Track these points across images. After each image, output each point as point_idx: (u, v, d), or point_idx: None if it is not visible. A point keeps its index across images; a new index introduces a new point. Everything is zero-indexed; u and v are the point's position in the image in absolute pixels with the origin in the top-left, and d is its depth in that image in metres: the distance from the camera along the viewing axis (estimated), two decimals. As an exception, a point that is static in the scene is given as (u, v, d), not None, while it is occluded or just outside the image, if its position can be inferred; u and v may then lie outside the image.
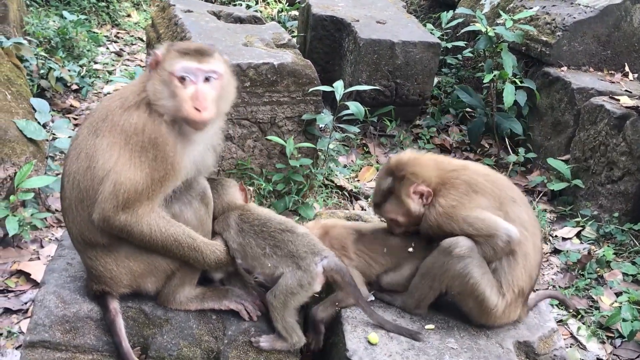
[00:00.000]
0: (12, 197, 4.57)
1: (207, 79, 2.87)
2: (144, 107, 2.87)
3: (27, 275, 4.50)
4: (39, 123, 5.04)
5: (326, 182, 5.98)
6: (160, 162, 2.82)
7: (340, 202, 5.80)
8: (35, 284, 4.43)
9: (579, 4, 6.84)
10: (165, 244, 2.90)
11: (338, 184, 6.00)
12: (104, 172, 2.82)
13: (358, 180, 6.22)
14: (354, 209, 5.77)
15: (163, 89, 2.85)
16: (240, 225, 3.14)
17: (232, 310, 3.15)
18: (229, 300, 3.15)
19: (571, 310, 4.73)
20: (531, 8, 7.00)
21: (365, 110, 5.86)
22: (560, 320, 4.63)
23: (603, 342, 4.52)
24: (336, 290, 3.19)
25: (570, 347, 4.44)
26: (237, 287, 3.23)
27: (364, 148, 6.83)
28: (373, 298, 3.36)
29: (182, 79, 2.83)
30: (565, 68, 6.62)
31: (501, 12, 6.90)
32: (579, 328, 4.60)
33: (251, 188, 5.51)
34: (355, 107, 5.74)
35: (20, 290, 4.41)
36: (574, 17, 6.62)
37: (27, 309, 4.24)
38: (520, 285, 3.16)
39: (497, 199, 3.12)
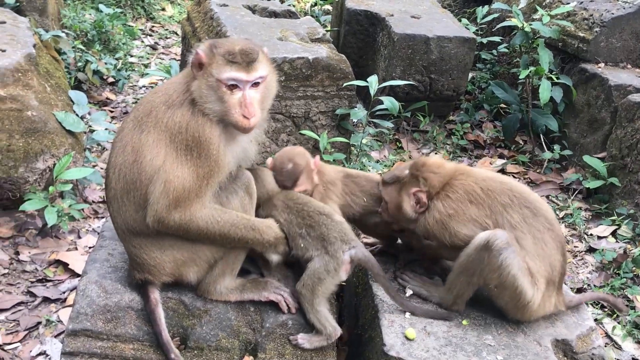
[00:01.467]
0: (51, 188, 4.65)
1: (253, 84, 2.93)
2: (187, 105, 2.91)
3: (65, 265, 4.58)
4: (77, 115, 5.10)
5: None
6: (205, 160, 2.87)
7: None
8: (73, 274, 4.50)
9: (618, 0, 6.75)
10: (223, 232, 2.95)
11: (371, 179, 5.99)
12: (152, 170, 2.87)
13: (391, 176, 6.20)
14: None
15: (210, 93, 2.89)
16: (285, 203, 3.23)
17: (271, 302, 3.17)
18: (268, 292, 3.18)
19: (606, 310, 4.69)
20: (568, 3, 6.91)
21: (398, 105, 5.85)
22: (596, 319, 4.59)
23: (639, 342, 4.48)
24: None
25: (606, 346, 4.40)
26: (276, 280, 3.26)
27: (397, 143, 6.82)
28: (410, 292, 3.36)
29: (230, 87, 2.89)
30: (602, 64, 6.53)
31: (538, 8, 6.82)
32: (614, 327, 4.56)
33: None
34: (389, 102, 5.73)
35: (58, 280, 4.48)
36: (612, 13, 6.53)
37: (65, 298, 4.32)
38: (544, 275, 3.15)
39: (488, 207, 3.20)
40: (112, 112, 6.77)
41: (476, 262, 3.08)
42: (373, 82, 5.66)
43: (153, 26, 9.46)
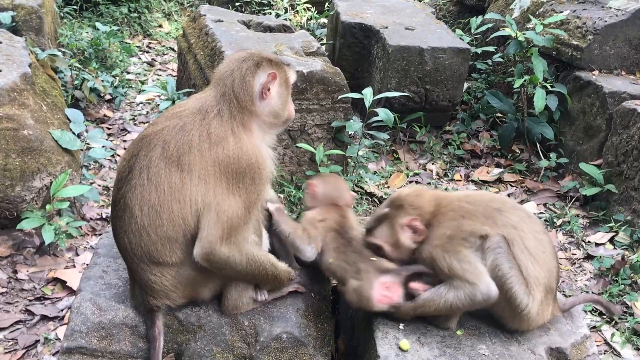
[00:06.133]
0: (48, 206, 4.67)
1: None
2: (240, 133, 2.91)
3: (63, 283, 4.59)
4: (73, 133, 5.12)
5: (356, 188, 5.99)
6: (257, 184, 2.91)
7: (370, 209, 5.81)
8: (71, 292, 4.51)
9: (610, 7, 6.78)
10: (254, 273, 3.05)
11: (368, 191, 6.01)
12: (202, 205, 2.86)
13: (388, 187, 6.23)
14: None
15: (285, 101, 3.12)
16: None
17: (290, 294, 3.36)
18: (286, 287, 3.32)
19: (605, 317, 4.68)
20: (561, 12, 6.95)
21: (394, 116, 5.88)
22: (594, 327, 4.59)
23: (638, 349, 4.46)
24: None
25: (605, 353, 4.39)
26: None
27: (394, 154, 6.84)
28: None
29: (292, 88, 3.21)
30: (596, 72, 6.56)
31: (531, 17, 6.87)
32: (613, 334, 4.55)
33: (281, 195, 5.55)
34: (384, 114, 5.75)
35: (56, 298, 4.49)
36: (605, 21, 6.56)
37: (64, 316, 4.32)
38: (542, 282, 3.12)
39: (481, 215, 3.15)
40: (109, 129, 6.81)
41: None
42: (368, 94, 5.69)
43: (150, 43, 9.52)
